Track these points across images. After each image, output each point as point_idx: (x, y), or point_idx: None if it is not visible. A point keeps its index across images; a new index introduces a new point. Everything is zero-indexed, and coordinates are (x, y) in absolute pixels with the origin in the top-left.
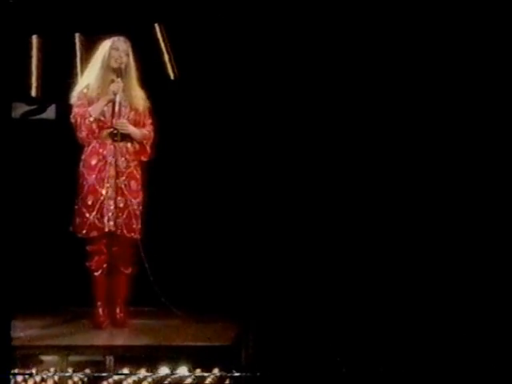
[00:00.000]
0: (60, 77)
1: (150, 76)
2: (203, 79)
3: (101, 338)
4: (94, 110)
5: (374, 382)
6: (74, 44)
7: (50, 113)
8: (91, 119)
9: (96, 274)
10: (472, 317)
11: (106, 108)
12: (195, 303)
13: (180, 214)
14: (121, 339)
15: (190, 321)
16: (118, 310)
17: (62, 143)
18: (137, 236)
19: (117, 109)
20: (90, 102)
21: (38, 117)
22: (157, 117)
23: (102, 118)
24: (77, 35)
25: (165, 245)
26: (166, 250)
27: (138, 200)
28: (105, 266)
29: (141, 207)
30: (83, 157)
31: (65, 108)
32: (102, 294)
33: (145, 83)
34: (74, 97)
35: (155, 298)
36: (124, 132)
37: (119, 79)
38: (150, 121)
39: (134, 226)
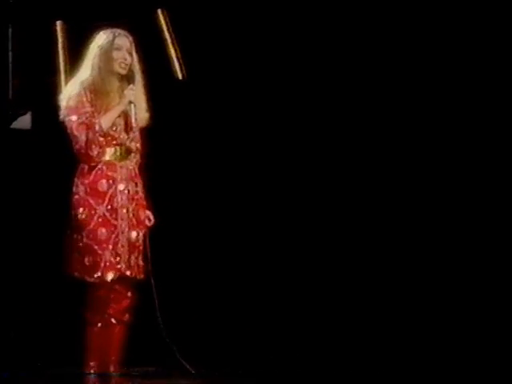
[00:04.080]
0: (37, 76)
1: (153, 76)
2: (216, 80)
3: None
4: (105, 123)
5: None
6: (55, 34)
7: (25, 121)
8: (101, 133)
9: (95, 327)
10: (470, 319)
11: (117, 120)
12: (209, 359)
13: (188, 246)
14: None
15: (204, 382)
16: (112, 371)
17: (40, 160)
18: (141, 277)
19: (133, 122)
20: (95, 111)
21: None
22: (162, 126)
23: (111, 132)
24: (58, 23)
25: (170, 288)
26: (172, 294)
27: (143, 232)
28: (104, 316)
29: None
30: (86, 181)
31: (44, 116)
32: (97, 351)
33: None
34: (70, 100)
35: (160, 354)
36: None
37: (132, 85)
38: (141, 141)
39: (141, 265)
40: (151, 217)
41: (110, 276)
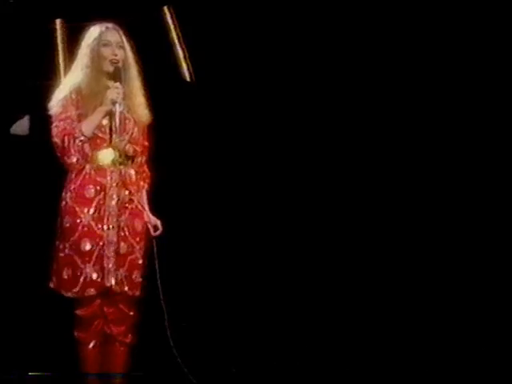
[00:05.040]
0: (36, 78)
1: (158, 78)
2: (226, 82)
3: None
4: (87, 127)
5: None
6: (55, 34)
7: (22, 127)
8: (82, 138)
9: (88, 346)
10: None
11: (105, 121)
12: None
13: (193, 259)
14: None
15: None
16: None
17: (38, 167)
18: (138, 293)
19: (117, 123)
20: (82, 114)
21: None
22: (168, 131)
23: (100, 135)
24: (58, 22)
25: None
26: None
27: (141, 245)
28: (99, 335)
29: (143, 254)
30: (72, 186)
31: (42, 121)
32: (93, 372)
33: (150, 86)
34: (56, 105)
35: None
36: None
37: (118, 84)
38: (146, 143)
39: (136, 281)
40: (159, 225)
41: (89, 292)
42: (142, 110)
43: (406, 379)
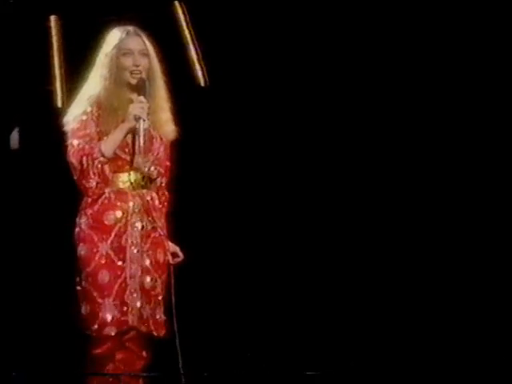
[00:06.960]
0: (27, 83)
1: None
2: (244, 86)
3: None
4: (108, 146)
5: None
6: (49, 33)
7: (12, 140)
8: (102, 159)
9: None
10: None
11: (127, 140)
12: None
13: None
14: None
15: None
16: None
17: (31, 185)
18: (160, 333)
19: (142, 142)
20: (103, 132)
21: None
22: (181, 141)
23: (123, 156)
24: (52, 18)
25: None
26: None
27: (162, 279)
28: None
29: (164, 289)
30: (89, 211)
31: (35, 133)
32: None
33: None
34: (73, 121)
35: None
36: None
37: (142, 97)
38: (168, 163)
39: (159, 319)
40: (179, 252)
41: (109, 330)
42: (169, 127)
43: (406, 379)
